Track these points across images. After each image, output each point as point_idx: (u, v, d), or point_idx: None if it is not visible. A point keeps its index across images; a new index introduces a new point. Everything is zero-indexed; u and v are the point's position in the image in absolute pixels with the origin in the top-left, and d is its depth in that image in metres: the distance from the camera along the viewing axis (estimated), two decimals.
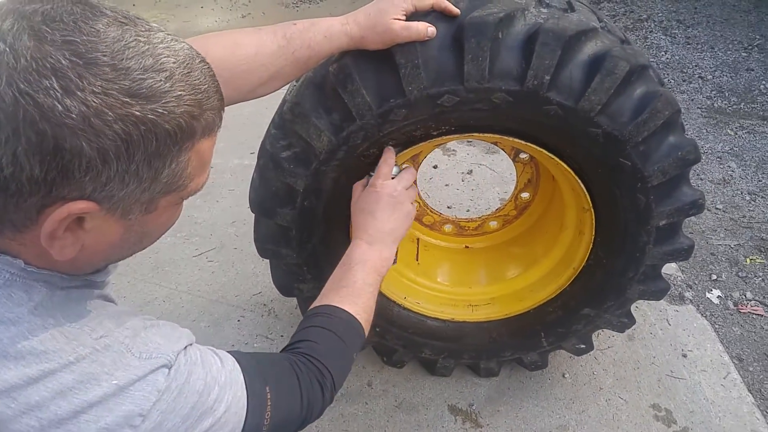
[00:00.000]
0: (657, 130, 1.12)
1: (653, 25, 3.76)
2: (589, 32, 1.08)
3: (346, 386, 1.78)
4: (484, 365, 1.71)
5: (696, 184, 2.49)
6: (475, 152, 2.80)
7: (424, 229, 1.84)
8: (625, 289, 1.41)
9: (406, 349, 1.67)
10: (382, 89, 1.10)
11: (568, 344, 1.61)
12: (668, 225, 1.27)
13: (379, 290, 1.55)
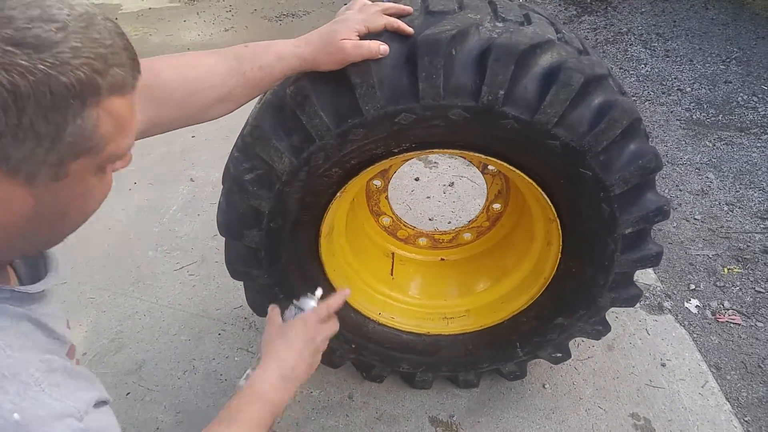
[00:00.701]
0: (616, 139, 1.13)
1: (633, 38, 3.82)
2: (544, 45, 1.09)
3: (326, 399, 1.78)
4: (463, 377, 1.71)
5: (675, 195, 2.52)
6: (457, 165, 2.82)
7: (399, 243, 1.85)
8: (596, 298, 1.41)
9: (384, 364, 1.67)
10: (339, 110, 1.11)
11: (545, 353, 1.62)
12: (635, 233, 1.27)
13: (354, 307, 1.59)
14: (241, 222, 1.30)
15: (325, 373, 1.84)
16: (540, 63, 1.08)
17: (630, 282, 1.42)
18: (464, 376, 1.70)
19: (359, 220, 1.80)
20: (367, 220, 1.82)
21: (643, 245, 1.31)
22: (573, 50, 1.13)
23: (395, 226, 1.82)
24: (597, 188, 1.19)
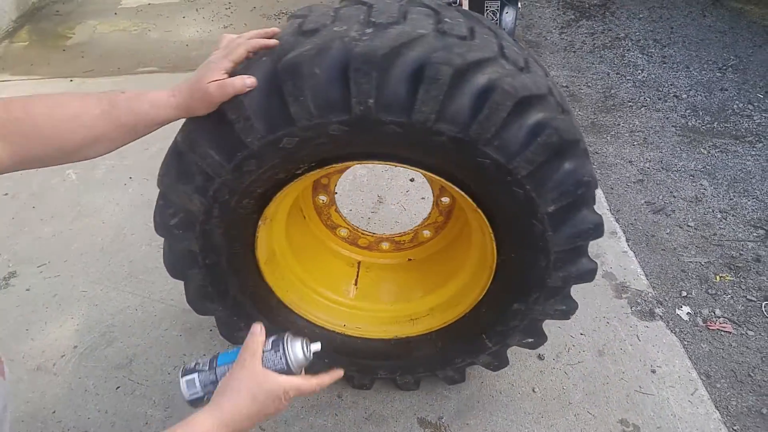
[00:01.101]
0: (547, 159, 1.13)
1: (630, 43, 3.83)
2: (411, 43, 1.07)
3: (316, 398, 1.77)
4: (443, 375, 1.70)
5: (669, 202, 2.53)
6: None
7: (363, 251, 1.85)
8: (544, 279, 1.37)
9: (361, 373, 1.69)
10: (226, 146, 1.13)
11: (515, 341, 1.59)
12: (561, 209, 1.24)
13: (318, 324, 1.60)
14: (182, 263, 1.36)
15: (312, 373, 1.84)
16: (406, 62, 1.06)
17: (579, 257, 1.38)
18: (443, 373, 1.70)
19: (317, 236, 1.82)
20: (326, 234, 1.84)
21: (575, 219, 1.26)
22: (452, 41, 1.11)
23: (354, 235, 1.83)
24: (502, 173, 1.16)
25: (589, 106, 3.24)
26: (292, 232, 1.66)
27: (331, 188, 1.71)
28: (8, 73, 3.91)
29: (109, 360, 1.90)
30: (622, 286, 2.13)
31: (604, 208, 2.50)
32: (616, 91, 3.36)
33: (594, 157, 2.83)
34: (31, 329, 2.02)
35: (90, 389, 1.82)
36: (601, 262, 2.23)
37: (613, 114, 3.16)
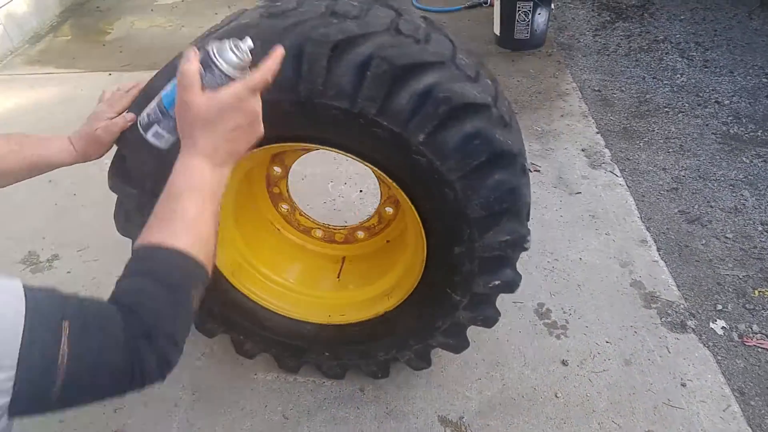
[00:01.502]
0: (479, 165, 1.18)
1: (670, 46, 3.73)
2: (369, 36, 1.13)
3: (338, 390, 1.79)
4: (366, 367, 1.76)
5: (705, 212, 2.46)
6: None
7: (345, 246, 1.88)
8: (470, 284, 1.40)
9: (291, 355, 1.77)
10: (143, 170, 1.28)
11: (437, 342, 1.62)
12: (489, 217, 1.27)
13: (305, 321, 1.64)
14: None
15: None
16: (357, 53, 1.12)
17: (504, 267, 1.40)
18: (366, 366, 1.75)
19: (296, 242, 1.88)
20: (305, 239, 1.89)
21: (502, 229, 1.29)
22: (406, 41, 1.16)
23: (330, 234, 1.87)
24: (434, 173, 1.20)
25: (621, 111, 3.18)
26: (264, 242, 1.77)
27: (285, 195, 1.79)
28: (52, 66, 4.04)
29: None
30: (651, 296, 2.08)
31: (635, 215, 2.45)
32: (652, 96, 3.28)
33: (625, 163, 2.78)
34: None
35: None
36: (629, 270, 2.19)
37: (648, 120, 3.09)
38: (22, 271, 2.33)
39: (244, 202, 1.73)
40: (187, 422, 1.74)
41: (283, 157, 1.68)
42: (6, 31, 4.11)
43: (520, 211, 1.29)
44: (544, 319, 2.01)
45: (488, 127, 1.19)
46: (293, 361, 1.81)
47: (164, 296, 0.80)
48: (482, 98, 1.18)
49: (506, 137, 1.21)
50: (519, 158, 1.25)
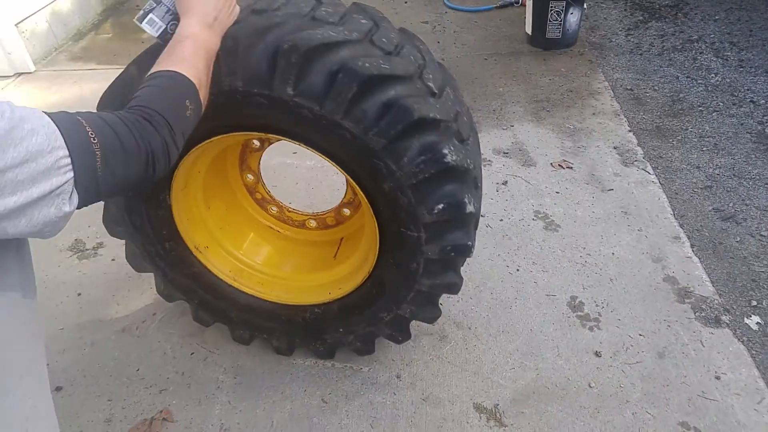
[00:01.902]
0: (430, 177, 1.30)
1: (704, 46, 3.71)
2: (344, 45, 1.25)
3: (375, 376, 1.84)
4: (313, 347, 1.87)
5: (740, 209, 2.46)
6: (511, 164, 2.82)
7: (344, 227, 1.96)
8: (414, 282, 1.53)
9: (246, 328, 1.88)
10: None
11: (381, 331, 1.74)
12: (437, 224, 1.40)
13: (303, 304, 1.74)
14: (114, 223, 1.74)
15: (374, 353, 1.91)
16: (330, 60, 1.24)
17: (447, 270, 1.54)
18: (314, 346, 1.86)
19: (290, 235, 2.02)
20: (293, 231, 2.02)
21: (448, 237, 1.42)
22: (377, 53, 1.31)
23: (322, 221, 1.98)
24: (392, 178, 1.32)
25: (654, 110, 3.18)
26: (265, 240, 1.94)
27: (261, 193, 1.99)
28: (94, 62, 4.17)
29: (185, 328, 2.03)
30: (685, 291, 2.10)
31: (668, 212, 2.46)
32: (686, 95, 3.28)
33: (657, 161, 2.78)
34: (117, 295, 2.19)
35: (168, 353, 1.96)
36: (662, 266, 2.20)
37: (681, 118, 3.09)
38: (69, 257, 2.42)
39: (234, 210, 1.95)
40: (229, 404, 1.81)
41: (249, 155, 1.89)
42: (51, 28, 4.26)
43: (464, 223, 1.42)
44: (577, 311, 2.04)
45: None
46: (246, 333, 1.93)
47: (165, 98, 0.98)
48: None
49: (460, 152, 1.34)
50: (471, 173, 1.39)
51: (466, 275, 2.18)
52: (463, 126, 1.43)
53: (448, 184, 1.34)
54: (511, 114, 3.18)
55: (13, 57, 3.91)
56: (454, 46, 3.97)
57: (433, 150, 1.29)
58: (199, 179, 1.74)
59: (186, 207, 1.72)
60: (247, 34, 1.25)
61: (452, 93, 1.48)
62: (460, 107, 1.47)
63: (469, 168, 1.37)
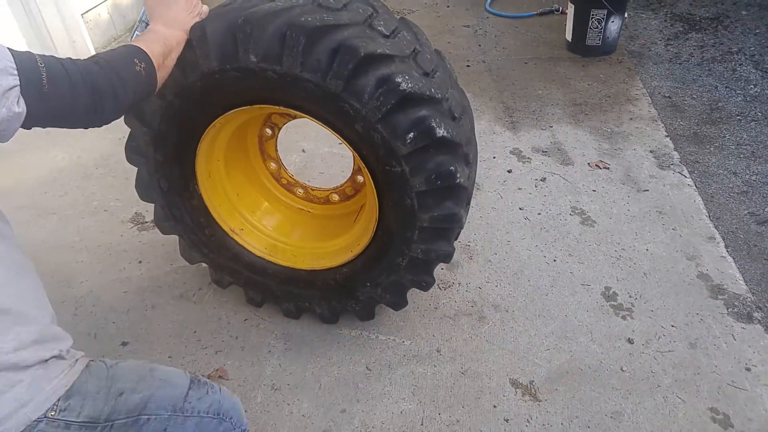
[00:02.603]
0: (393, 108, 1.39)
1: (744, 58, 3.76)
2: (344, 27, 1.38)
3: (417, 349, 1.96)
4: (319, 310, 2.01)
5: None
6: (550, 162, 2.91)
7: (362, 195, 2.06)
8: (409, 248, 1.66)
9: (259, 291, 2.04)
10: (186, 66, 1.48)
11: (379, 297, 1.86)
12: (429, 192, 1.52)
13: (332, 267, 1.87)
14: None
15: (415, 327, 2.03)
16: (332, 40, 1.36)
17: (440, 238, 1.64)
18: (320, 309, 2.00)
19: (318, 213, 2.17)
20: (320, 208, 2.16)
21: (440, 206, 1.55)
22: (374, 35, 1.43)
23: (342, 193, 2.10)
24: (387, 148, 1.44)
25: (692, 117, 3.24)
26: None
27: (278, 172, 2.13)
28: None
29: (238, 298, 2.17)
30: (718, 288, 2.17)
31: (703, 214, 2.53)
32: (724, 105, 3.33)
33: (694, 166, 2.85)
34: (174, 264, 2.34)
35: (223, 318, 2.10)
36: (695, 263, 2.27)
37: (719, 126, 3.15)
38: (130, 228, 2.59)
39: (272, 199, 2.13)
40: (280, 366, 1.94)
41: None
42: (111, 19, 4.49)
43: (455, 193, 1.53)
44: (611, 301, 2.13)
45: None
46: (258, 296, 2.09)
47: (114, 54, 1.18)
48: (391, 50, 1.41)
49: (420, 82, 1.42)
50: (462, 149, 1.50)
51: (504, 263, 2.30)
52: (424, 62, 1.50)
53: (414, 113, 1.41)
54: (550, 115, 3.28)
55: (77, 45, 4.14)
56: (495, 50, 4.08)
57: (388, 81, 1.36)
58: (221, 167, 1.90)
59: (215, 194, 1.89)
60: (211, 21, 1.42)
61: (411, 36, 1.56)
62: (421, 47, 1.54)
63: (434, 96, 1.43)
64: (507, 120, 3.26)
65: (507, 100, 3.47)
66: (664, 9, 4.60)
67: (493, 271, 2.27)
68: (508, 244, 2.40)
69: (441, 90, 1.49)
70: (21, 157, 3.16)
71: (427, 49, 1.60)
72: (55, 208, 2.72)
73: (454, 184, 1.51)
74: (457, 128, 1.51)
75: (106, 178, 2.88)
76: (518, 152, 2.98)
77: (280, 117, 1.94)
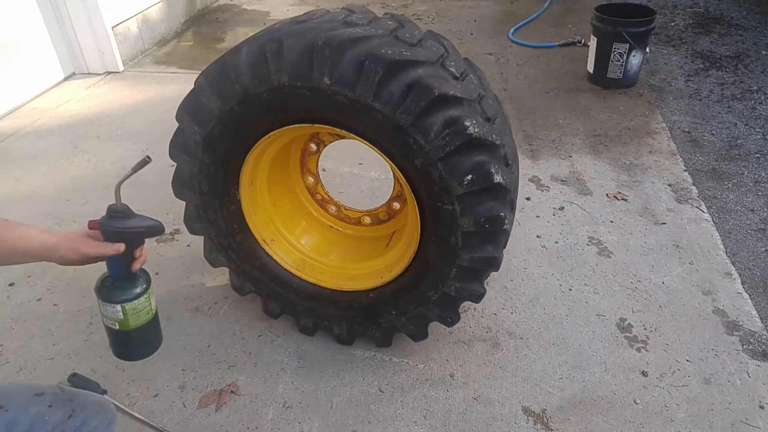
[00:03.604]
0: (456, 149, 1.42)
1: (763, 97, 3.77)
2: (367, 39, 1.44)
3: (430, 373, 1.96)
4: (338, 329, 2.02)
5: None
6: (568, 191, 2.93)
7: (395, 221, 2.13)
8: (443, 283, 1.69)
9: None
10: (223, 92, 1.58)
11: (401, 325, 1.89)
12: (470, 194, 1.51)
13: (359, 290, 1.90)
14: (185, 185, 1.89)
15: (429, 351, 2.04)
16: (356, 52, 1.40)
17: (473, 279, 1.68)
18: (338, 328, 2.02)
19: (348, 232, 2.23)
20: (351, 228, 2.22)
21: (482, 206, 1.52)
22: (400, 45, 1.47)
23: (375, 216, 2.18)
24: (420, 151, 1.44)
25: (711, 153, 3.25)
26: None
27: (320, 195, 2.21)
28: (176, 66, 4.50)
29: (253, 313, 2.19)
30: (733, 324, 2.16)
31: (720, 250, 2.52)
32: (743, 142, 3.34)
33: (712, 201, 2.85)
34: (191, 278, 2.38)
35: (237, 333, 2.12)
36: (711, 298, 2.27)
37: (737, 163, 3.15)
38: (148, 240, 2.63)
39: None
40: (292, 384, 1.95)
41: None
42: (140, 33, 4.62)
43: (497, 191, 1.51)
44: (625, 332, 2.12)
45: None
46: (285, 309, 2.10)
47: None
48: (461, 93, 1.44)
49: (485, 128, 1.45)
50: (500, 149, 1.50)
51: (520, 290, 2.31)
52: (488, 107, 1.55)
53: (475, 156, 1.44)
54: (569, 145, 3.30)
55: (105, 57, 4.26)
56: (517, 79, 4.13)
57: (456, 123, 1.39)
58: (264, 176, 1.93)
59: (253, 202, 1.92)
60: (289, 36, 1.45)
61: (476, 79, 1.61)
62: (485, 92, 1.59)
63: (495, 143, 1.47)
64: (527, 148, 3.29)
65: (527, 128, 3.50)
66: (684, 45, 4.64)
67: (509, 297, 2.27)
68: (525, 271, 2.41)
69: (500, 137, 1.53)
70: (45, 164, 3.24)
71: (490, 93, 1.65)
72: (75, 216, 2.78)
73: (501, 229, 1.54)
74: (509, 175, 1.55)
75: (127, 189, 2.91)
76: (537, 180, 3.01)
77: (329, 135, 1.98)
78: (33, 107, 3.89)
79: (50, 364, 2.01)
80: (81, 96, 4.03)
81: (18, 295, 2.31)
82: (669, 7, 5.51)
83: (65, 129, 3.62)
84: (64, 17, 4.07)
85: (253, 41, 1.53)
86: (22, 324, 2.17)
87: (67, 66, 4.25)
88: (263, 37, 1.52)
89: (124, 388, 1.93)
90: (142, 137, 3.47)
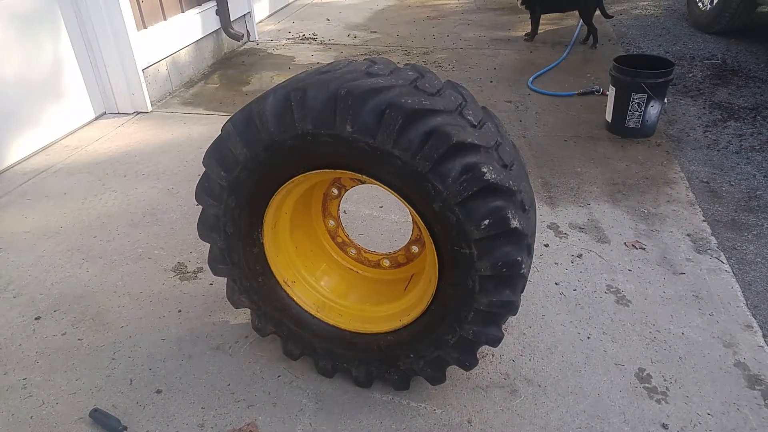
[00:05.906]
0: (474, 194, 1.46)
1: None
2: (388, 89, 1.51)
3: (447, 418, 1.96)
4: (356, 372, 2.04)
5: None
6: (586, 239, 2.95)
7: (414, 264, 2.16)
8: (460, 328, 1.71)
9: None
10: (249, 139, 1.65)
11: (418, 368, 1.91)
12: (487, 239, 1.53)
13: (377, 332, 1.92)
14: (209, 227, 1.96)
15: (447, 396, 2.03)
16: (378, 100, 1.47)
17: (490, 324, 1.69)
18: (357, 371, 2.03)
19: (368, 275, 2.26)
20: (370, 270, 2.25)
21: (499, 252, 1.55)
22: (420, 94, 1.52)
23: (394, 260, 2.21)
24: (438, 195, 1.48)
25: (730, 203, 3.26)
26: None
27: (340, 236, 2.23)
28: (202, 107, 4.65)
29: (273, 353, 2.22)
30: (756, 378, 2.13)
31: (740, 302, 2.51)
32: (763, 193, 3.35)
33: (731, 252, 2.85)
34: (213, 316, 2.41)
35: (257, 373, 2.14)
36: (732, 351, 2.24)
37: (757, 215, 3.16)
38: (172, 277, 2.69)
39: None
40: (310, 426, 1.95)
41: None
42: (169, 75, 4.81)
43: (515, 236, 1.53)
44: (645, 383, 2.10)
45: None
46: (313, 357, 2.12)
47: None
48: (478, 141, 1.49)
49: (502, 174, 1.49)
50: (516, 195, 1.53)
51: (538, 337, 2.31)
52: (504, 154, 1.60)
53: (492, 201, 1.48)
54: (587, 193, 3.34)
55: (135, 97, 4.43)
56: (536, 126, 4.21)
57: (473, 169, 1.44)
58: (287, 220, 1.99)
59: (276, 245, 1.97)
60: (313, 86, 1.52)
61: (494, 127, 1.66)
62: (503, 140, 1.65)
63: (512, 188, 1.51)
64: (545, 195, 3.33)
65: (546, 175, 3.55)
66: (702, 97, 4.70)
67: (527, 344, 2.27)
68: (543, 318, 2.41)
69: (517, 183, 1.57)
70: (73, 200, 3.34)
71: (507, 141, 1.71)
72: (101, 252, 2.85)
73: (518, 274, 1.57)
74: (526, 220, 1.59)
75: (152, 227, 3.02)
76: (555, 227, 3.03)
77: (350, 180, 2.05)
78: (65, 145, 4.05)
79: (72, 399, 2.05)
80: (111, 135, 4.18)
81: (43, 329, 2.37)
82: (687, 59, 5.61)
83: (94, 167, 3.74)
84: (98, 60, 4.26)
85: (279, 90, 1.61)
86: (46, 358, 2.22)
87: (98, 106, 4.42)
88: (288, 86, 1.60)
89: (144, 425, 1.95)
90: (167, 177, 3.58)
